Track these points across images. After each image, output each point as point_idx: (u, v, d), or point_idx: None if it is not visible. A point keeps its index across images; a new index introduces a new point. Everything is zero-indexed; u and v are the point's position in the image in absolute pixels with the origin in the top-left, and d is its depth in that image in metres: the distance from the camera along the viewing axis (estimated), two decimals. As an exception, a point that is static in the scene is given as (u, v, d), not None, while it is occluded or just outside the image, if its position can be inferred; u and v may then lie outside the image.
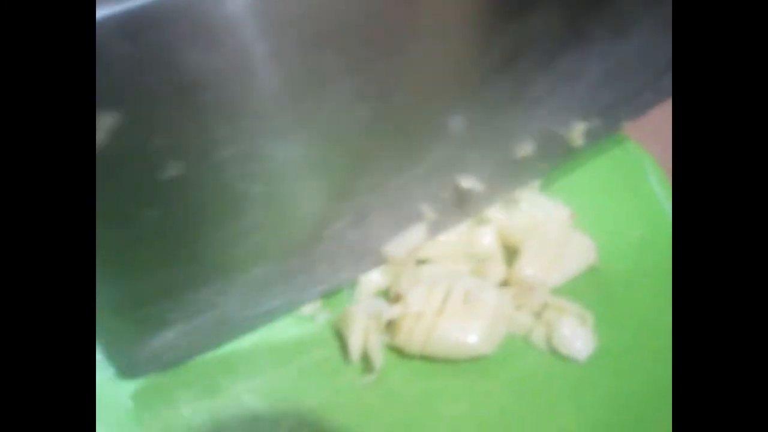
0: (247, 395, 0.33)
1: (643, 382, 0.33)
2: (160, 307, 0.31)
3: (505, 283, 0.36)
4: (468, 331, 0.32)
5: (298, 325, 0.35)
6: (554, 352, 0.34)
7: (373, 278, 0.36)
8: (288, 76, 0.26)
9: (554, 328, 0.34)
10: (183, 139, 0.25)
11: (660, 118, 0.40)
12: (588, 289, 0.36)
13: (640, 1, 0.33)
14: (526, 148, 0.35)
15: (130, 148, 0.24)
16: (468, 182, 0.35)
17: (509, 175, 0.36)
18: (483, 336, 0.32)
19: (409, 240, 0.35)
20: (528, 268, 0.35)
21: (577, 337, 0.34)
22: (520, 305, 0.35)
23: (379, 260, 0.35)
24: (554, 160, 0.38)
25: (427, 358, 0.33)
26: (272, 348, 0.34)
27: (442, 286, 0.34)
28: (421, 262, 0.36)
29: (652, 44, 0.35)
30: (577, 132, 0.37)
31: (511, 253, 0.37)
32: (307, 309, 0.36)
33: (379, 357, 0.33)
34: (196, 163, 0.26)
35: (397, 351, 0.34)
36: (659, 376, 0.33)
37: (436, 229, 0.36)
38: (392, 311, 0.34)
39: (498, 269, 0.36)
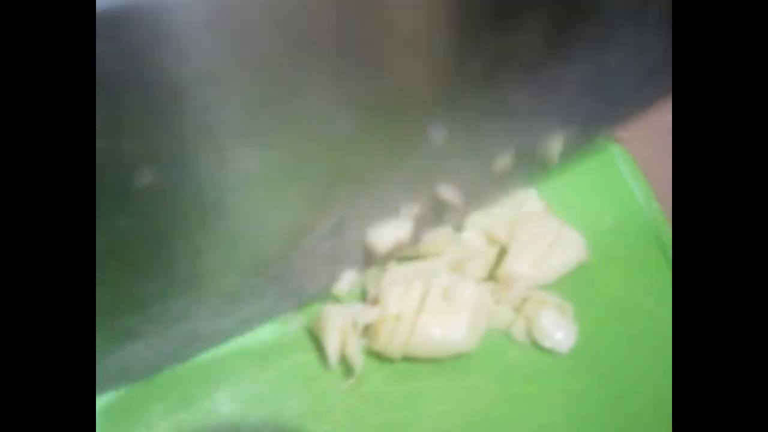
0: (223, 405, 0.31)
1: (626, 372, 0.33)
2: (128, 318, 0.30)
3: (487, 279, 0.36)
4: (449, 328, 0.32)
5: (273, 329, 0.34)
6: (536, 345, 0.34)
7: (348, 276, 0.35)
8: (264, 84, 0.25)
9: (534, 320, 0.34)
10: (155, 145, 0.24)
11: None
12: (568, 279, 0.36)
13: (623, 13, 0.33)
14: (504, 161, 0.35)
15: (103, 153, 0.23)
16: (447, 193, 0.34)
17: (487, 188, 0.36)
18: (465, 332, 0.32)
19: (394, 234, 0.34)
20: (516, 263, 0.35)
21: (557, 328, 0.34)
22: (500, 300, 0.35)
23: (356, 265, 0.35)
24: (532, 173, 0.37)
25: (408, 359, 0.33)
26: (247, 355, 0.33)
27: (419, 284, 0.33)
28: (401, 260, 0.35)
29: (633, 57, 0.35)
30: (555, 145, 0.36)
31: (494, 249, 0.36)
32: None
33: (358, 360, 0.32)
34: (168, 171, 0.25)
35: (377, 354, 0.33)
36: (641, 365, 0.33)
37: (417, 232, 0.35)
38: (369, 315, 0.33)
39: (478, 265, 0.35)
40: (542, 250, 0.35)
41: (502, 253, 0.36)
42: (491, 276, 0.36)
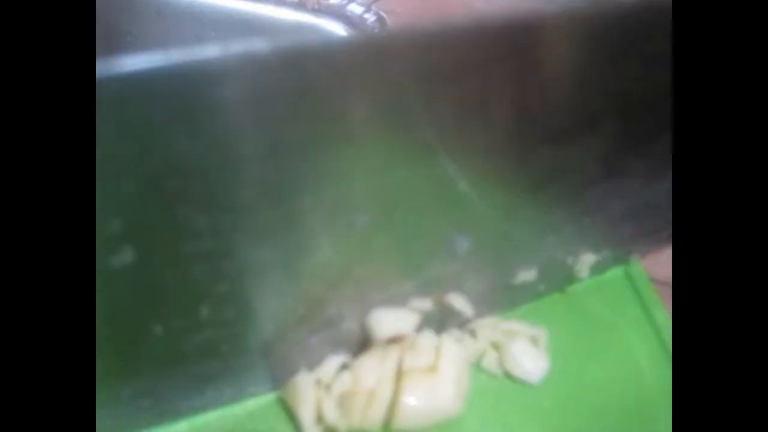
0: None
1: (601, 401, 0.34)
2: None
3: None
4: (434, 396, 0.31)
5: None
6: (508, 375, 0.34)
7: (337, 360, 0.32)
8: (278, 175, 0.23)
9: (506, 351, 0.34)
10: (146, 225, 0.22)
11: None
12: (540, 308, 0.35)
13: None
14: (528, 275, 0.33)
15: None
16: (458, 302, 0.32)
17: (501, 298, 0.35)
18: (451, 396, 0.31)
19: (399, 324, 0.31)
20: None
21: (529, 358, 0.34)
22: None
23: (349, 349, 0.32)
24: (552, 287, 0.36)
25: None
26: (220, 424, 0.31)
27: (395, 352, 0.31)
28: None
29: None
30: (585, 264, 0.35)
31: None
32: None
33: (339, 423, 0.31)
34: (156, 253, 0.23)
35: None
36: (615, 394, 0.34)
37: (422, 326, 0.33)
38: (342, 382, 0.31)
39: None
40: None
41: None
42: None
